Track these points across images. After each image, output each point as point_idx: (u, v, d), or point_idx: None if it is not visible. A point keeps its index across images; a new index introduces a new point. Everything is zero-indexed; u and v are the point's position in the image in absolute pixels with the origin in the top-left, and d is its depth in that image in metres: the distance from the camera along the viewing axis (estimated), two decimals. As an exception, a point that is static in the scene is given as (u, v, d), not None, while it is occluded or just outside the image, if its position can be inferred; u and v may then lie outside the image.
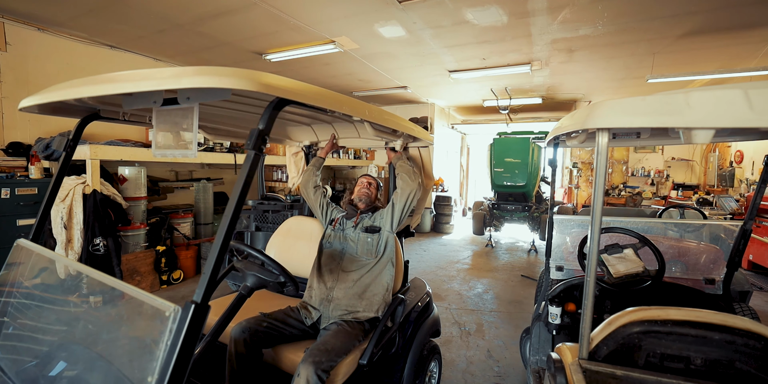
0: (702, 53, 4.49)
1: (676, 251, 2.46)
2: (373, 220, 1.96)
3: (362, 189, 2.05)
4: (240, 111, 1.63)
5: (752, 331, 1.02)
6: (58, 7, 3.51)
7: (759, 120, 0.77)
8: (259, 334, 1.56)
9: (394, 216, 1.89)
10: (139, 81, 0.82)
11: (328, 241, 1.96)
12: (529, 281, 4.68)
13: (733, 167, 6.88)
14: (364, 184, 2.08)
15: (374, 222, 1.95)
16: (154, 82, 0.80)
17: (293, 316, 1.74)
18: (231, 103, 1.46)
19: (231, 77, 0.77)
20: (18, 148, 3.68)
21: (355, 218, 1.96)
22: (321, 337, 1.58)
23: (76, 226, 3.32)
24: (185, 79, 0.77)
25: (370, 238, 1.88)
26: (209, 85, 0.76)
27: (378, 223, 1.94)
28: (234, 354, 1.51)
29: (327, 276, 1.85)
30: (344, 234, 1.94)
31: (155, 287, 4.03)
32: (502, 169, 6.23)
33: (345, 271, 1.84)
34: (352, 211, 2.01)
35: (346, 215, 2.01)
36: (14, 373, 1.09)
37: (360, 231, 1.92)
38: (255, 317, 1.65)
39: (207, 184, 5.02)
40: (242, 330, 1.55)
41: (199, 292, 0.85)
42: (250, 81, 0.79)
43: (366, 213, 1.99)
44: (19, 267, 1.27)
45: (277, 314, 1.71)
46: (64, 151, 1.34)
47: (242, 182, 0.85)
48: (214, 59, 5.12)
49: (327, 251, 1.93)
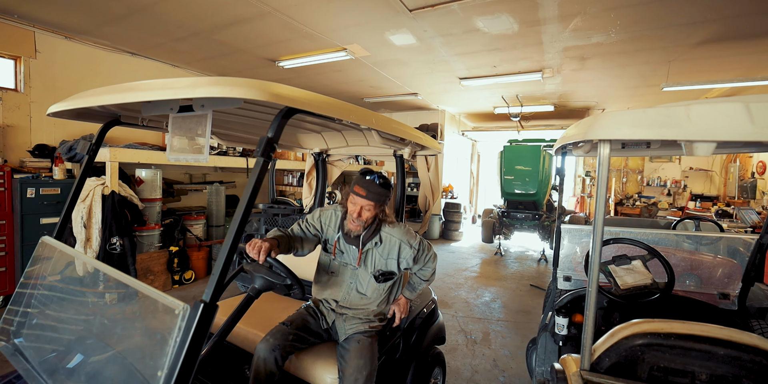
0: (719, 62, 4.41)
1: (689, 264, 2.40)
2: (382, 252, 1.61)
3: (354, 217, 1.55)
4: (251, 118, 1.69)
5: (759, 348, 1.00)
6: (84, 16, 3.69)
7: (760, 134, 0.77)
8: (287, 349, 1.50)
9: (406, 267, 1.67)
10: (158, 90, 0.87)
11: (331, 271, 1.69)
12: (538, 291, 4.62)
13: (755, 178, 6.67)
14: (357, 210, 1.53)
15: (385, 256, 1.62)
16: (172, 91, 0.85)
17: (312, 320, 1.66)
18: (243, 111, 1.52)
19: (243, 87, 0.81)
20: (43, 150, 3.85)
21: (359, 250, 1.61)
22: (348, 358, 1.49)
23: (95, 226, 3.44)
24: (200, 89, 0.82)
25: (381, 285, 1.64)
26: (222, 94, 0.81)
27: (391, 257, 1.61)
28: (264, 374, 1.44)
29: (333, 296, 1.70)
30: (352, 271, 1.65)
31: (167, 287, 4.12)
32: (512, 177, 6.19)
33: (352, 303, 1.67)
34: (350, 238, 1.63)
35: (345, 238, 1.63)
36: (37, 363, 1.15)
37: (369, 272, 1.63)
38: (280, 331, 1.54)
39: (219, 187, 5.13)
40: (271, 348, 1.46)
41: (208, 291, 0.89)
42: (261, 91, 0.83)
43: (370, 239, 1.61)
44: (43, 263, 1.34)
45: (297, 322, 1.61)
46: (87, 155, 1.42)
47: (251, 187, 0.89)
48: (229, 66, 5.27)
49: (330, 279, 1.70)
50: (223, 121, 1.76)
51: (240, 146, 2.26)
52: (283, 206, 4.07)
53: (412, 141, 1.85)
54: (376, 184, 1.51)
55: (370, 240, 1.62)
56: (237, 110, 1.51)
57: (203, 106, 1.01)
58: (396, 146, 1.89)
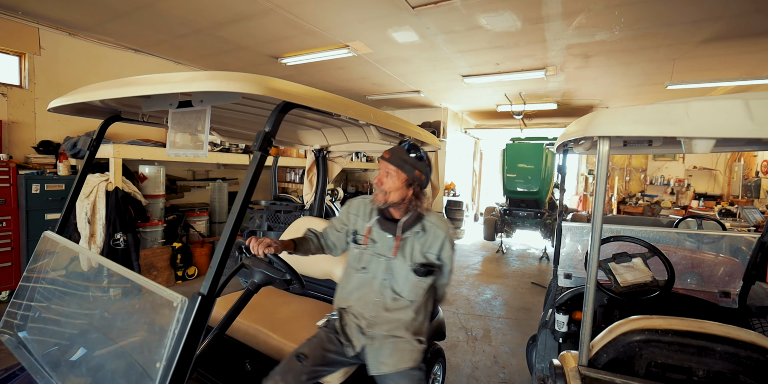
0: (724, 60, 4.36)
1: (691, 262, 2.40)
2: (423, 243, 1.41)
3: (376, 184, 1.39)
4: (251, 114, 1.69)
5: (756, 344, 1.00)
6: (87, 12, 3.70)
7: (759, 130, 0.76)
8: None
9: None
10: (156, 84, 0.88)
11: (362, 266, 1.46)
12: (539, 289, 4.61)
13: (759, 177, 6.61)
14: (379, 176, 1.39)
15: (425, 249, 1.41)
16: (169, 86, 0.85)
17: (332, 349, 1.38)
18: (242, 107, 1.53)
19: (240, 81, 0.82)
20: (48, 146, 3.89)
21: (396, 237, 1.40)
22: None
23: (99, 222, 3.47)
24: (197, 83, 0.82)
25: (421, 281, 1.40)
26: (220, 88, 0.82)
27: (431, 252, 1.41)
28: None
29: (362, 307, 1.45)
30: (387, 263, 1.41)
31: (171, 282, 4.15)
32: (514, 175, 6.18)
33: (387, 309, 1.42)
34: (388, 222, 1.43)
35: (380, 224, 1.44)
36: (40, 356, 1.17)
37: (407, 265, 1.39)
38: (292, 369, 1.27)
39: (222, 183, 5.16)
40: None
41: (206, 284, 0.90)
42: (258, 85, 0.83)
43: (411, 226, 1.41)
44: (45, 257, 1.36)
45: (315, 354, 1.33)
46: (88, 150, 1.43)
47: (248, 181, 0.90)
48: (232, 63, 5.27)
49: (360, 277, 1.46)
50: (223, 117, 1.76)
51: (240, 143, 2.26)
52: (285, 203, 4.08)
53: (411, 137, 1.84)
54: (404, 150, 1.37)
55: (411, 228, 1.40)
56: (237, 106, 1.51)
57: (202, 101, 1.01)
58: (396, 142, 1.89)
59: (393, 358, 1.35)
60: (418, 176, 1.36)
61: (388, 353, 1.36)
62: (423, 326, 1.48)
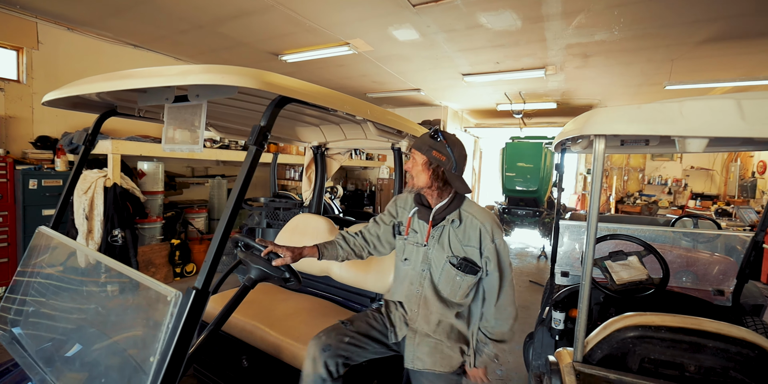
0: (723, 60, 4.37)
1: (686, 261, 2.41)
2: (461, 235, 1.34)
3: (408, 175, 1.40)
4: (247, 109, 1.69)
5: (747, 341, 1.01)
6: (86, 7, 3.68)
7: (751, 130, 0.77)
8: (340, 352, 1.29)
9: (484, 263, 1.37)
10: (150, 77, 0.88)
11: (404, 257, 1.45)
12: (537, 287, 4.63)
13: (755, 178, 6.64)
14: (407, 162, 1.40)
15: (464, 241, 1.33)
16: (164, 79, 0.85)
17: (377, 327, 1.42)
18: (238, 102, 1.52)
19: (235, 75, 0.82)
20: (46, 142, 3.87)
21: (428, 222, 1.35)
22: None
23: (97, 218, 3.46)
24: (192, 76, 0.82)
25: (459, 277, 1.33)
26: (215, 82, 0.81)
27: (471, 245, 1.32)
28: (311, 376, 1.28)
29: (406, 299, 1.45)
30: (424, 252, 1.38)
31: (169, 279, 4.15)
32: (514, 174, 6.20)
33: (428, 305, 1.38)
34: (425, 210, 1.39)
35: (419, 213, 1.41)
36: (34, 352, 1.17)
37: (444, 256, 1.35)
38: (336, 330, 1.35)
39: (221, 180, 5.15)
40: (322, 348, 1.28)
41: (200, 279, 0.90)
42: (254, 79, 0.83)
43: (444, 213, 1.35)
44: (40, 252, 1.36)
45: (359, 323, 1.40)
46: (84, 145, 1.42)
47: (243, 176, 0.90)
48: (232, 59, 5.26)
49: (404, 269, 1.45)
50: (219, 112, 1.76)
51: (238, 138, 2.26)
52: (285, 200, 4.08)
53: (408, 133, 1.85)
54: (426, 135, 1.35)
55: (446, 216, 1.35)
56: (233, 101, 1.51)
57: (198, 96, 1.01)
58: (393, 139, 1.89)
59: (431, 358, 1.34)
60: (436, 157, 1.30)
61: (427, 351, 1.35)
62: (467, 335, 1.42)
